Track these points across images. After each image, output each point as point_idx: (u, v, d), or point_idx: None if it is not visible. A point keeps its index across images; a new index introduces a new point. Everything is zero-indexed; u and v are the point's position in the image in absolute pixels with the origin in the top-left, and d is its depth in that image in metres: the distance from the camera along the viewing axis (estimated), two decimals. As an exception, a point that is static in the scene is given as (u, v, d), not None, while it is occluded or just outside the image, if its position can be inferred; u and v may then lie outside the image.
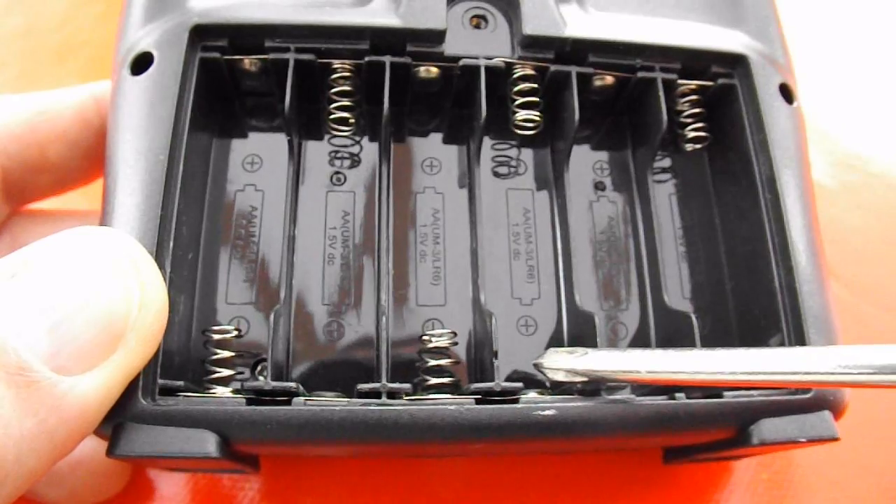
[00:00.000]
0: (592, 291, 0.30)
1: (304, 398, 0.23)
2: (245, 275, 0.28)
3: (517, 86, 0.29)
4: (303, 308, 0.28)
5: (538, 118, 0.29)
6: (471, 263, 0.29)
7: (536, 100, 0.29)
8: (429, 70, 0.29)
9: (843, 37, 0.49)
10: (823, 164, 0.43)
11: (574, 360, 0.24)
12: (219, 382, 0.25)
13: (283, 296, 0.26)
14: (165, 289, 0.22)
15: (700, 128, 0.30)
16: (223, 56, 0.27)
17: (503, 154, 0.31)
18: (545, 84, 0.29)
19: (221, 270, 0.28)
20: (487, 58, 0.28)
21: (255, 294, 0.28)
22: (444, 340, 0.26)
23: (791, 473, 0.34)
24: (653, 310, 0.30)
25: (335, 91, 0.28)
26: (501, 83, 0.29)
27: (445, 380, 0.25)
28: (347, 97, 0.29)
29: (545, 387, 0.26)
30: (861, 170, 0.44)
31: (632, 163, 0.32)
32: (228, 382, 0.25)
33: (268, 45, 0.27)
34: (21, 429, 0.18)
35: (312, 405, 0.23)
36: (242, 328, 0.27)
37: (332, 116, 0.29)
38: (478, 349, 0.28)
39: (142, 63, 0.26)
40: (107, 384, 0.20)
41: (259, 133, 0.30)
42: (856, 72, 0.48)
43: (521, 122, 0.29)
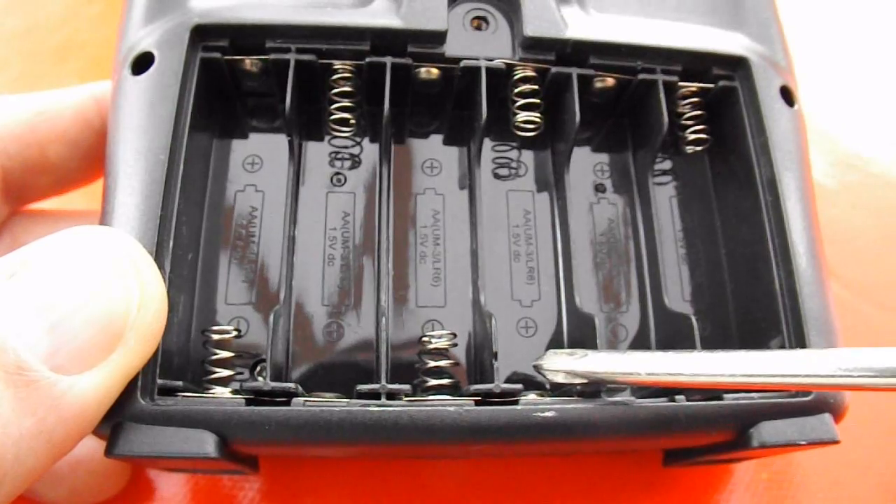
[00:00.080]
0: (592, 293, 0.30)
1: (304, 399, 0.23)
2: (245, 275, 0.28)
3: (518, 87, 0.29)
4: (302, 309, 0.28)
5: (539, 120, 0.29)
6: (471, 265, 0.29)
7: (537, 101, 0.29)
8: (429, 71, 0.29)
9: (843, 37, 0.49)
10: (823, 164, 0.43)
11: (574, 362, 0.24)
12: (218, 383, 0.25)
13: (283, 296, 0.26)
14: (165, 289, 0.22)
15: (701, 130, 0.30)
16: (224, 56, 0.27)
17: (504, 155, 0.31)
18: (546, 86, 0.29)
19: (221, 271, 0.28)
20: (488, 59, 0.28)
21: (255, 294, 0.28)
22: (444, 342, 0.26)
23: (791, 473, 0.34)
24: (653, 312, 0.30)
25: (336, 92, 0.28)
26: (502, 85, 0.29)
27: (445, 381, 0.25)
28: (348, 98, 0.29)
29: (545, 388, 0.26)
30: (861, 170, 0.44)
31: (632, 165, 0.32)
32: (227, 383, 0.25)
33: (269, 46, 0.27)
34: (20, 428, 0.18)
35: (311, 406, 0.23)
36: (242, 328, 0.27)
37: (333, 117, 0.29)
38: (478, 350, 0.28)
39: (142, 63, 0.26)
40: (106, 384, 0.19)
41: (259, 133, 0.30)
42: (856, 72, 0.48)
43: (522, 124, 0.29)
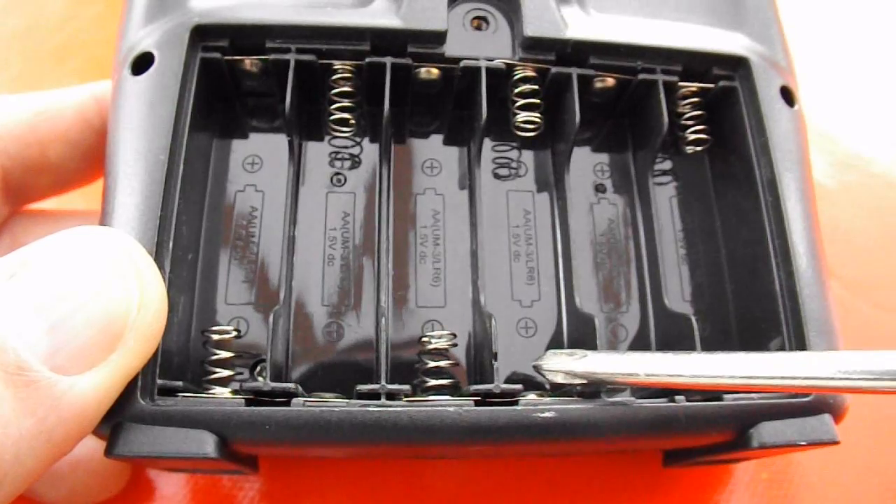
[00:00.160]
0: (592, 293, 0.30)
1: (303, 399, 0.23)
2: (245, 275, 0.28)
3: (518, 87, 0.29)
4: (302, 309, 0.28)
5: (539, 120, 0.29)
6: (471, 265, 0.29)
7: (537, 101, 0.29)
8: (429, 71, 0.29)
9: (843, 37, 0.49)
10: (823, 165, 0.43)
11: (573, 363, 0.24)
12: (218, 383, 0.25)
13: (283, 296, 0.26)
14: (165, 289, 0.22)
15: (701, 130, 0.30)
16: (224, 56, 0.27)
17: (504, 156, 0.31)
18: (546, 86, 0.29)
19: (221, 271, 0.28)
20: (488, 59, 0.28)
21: (255, 295, 0.28)
22: (444, 342, 0.26)
23: (791, 473, 0.34)
24: (653, 312, 0.29)
25: (336, 92, 0.28)
26: (502, 85, 0.29)
27: (445, 381, 0.25)
28: (348, 98, 0.29)
29: (545, 389, 0.26)
30: (861, 170, 0.44)
31: (632, 165, 0.32)
32: (227, 383, 0.25)
33: (268, 46, 0.27)
34: (20, 428, 0.18)
35: (311, 406, 0.23)
36: (242, 329, 0.27)
37: (333, 117, 0.29)
38: (477, 351, 0.28)
39: (142, 63, 0.26)
40: (105, 384, 0.20)
41: (259, 134, 0.30)
42: (856, 72, 0.47)
43: (522, 124, 0.29)
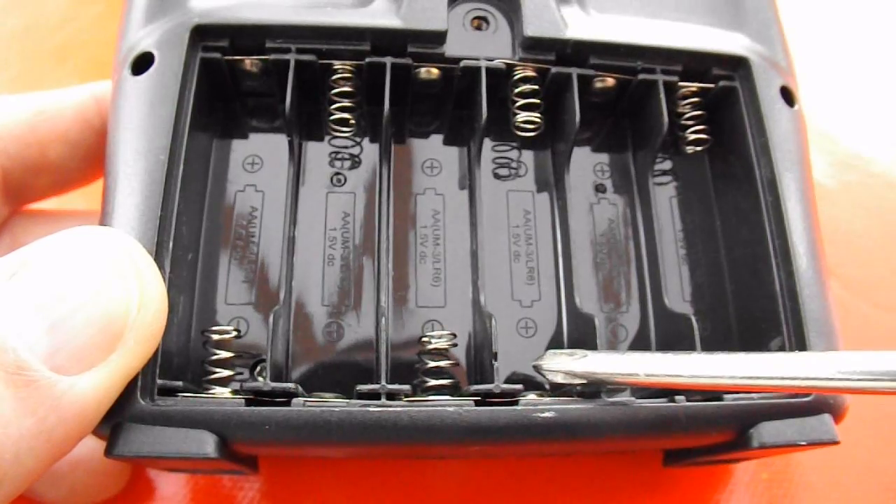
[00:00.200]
0: (592, 293, 0.30)
1: (304, 399, 0.23)
2: (245, 275, 0.28)
3: (518, 87, 0.29)
4: (302, 309, 0.28)
5: (539, 120, 0.29)
6: (471, 265, 0.29)
7: (537, 101, 0.29)
8: (430, 71, 0.29)
9: (843, 37, 0.49)
10: (823, 164, 0.43)
11: (573, 363, 0.24)
12: (218, 383, 0.25)
13: (283, 296, 0.26)
14: (165, 289, 0.22)
15: (701, 130, 0.30)
16: (224, 56, 0.27)
17: (504, 156, 0.31)
18: (546, 86, 0.29)
19: (221, 271, 0.28)
20: (488, 59, 0.28)
21: (255, 295, 0.28)
22: (444, 342, 0.26)
23: (791, 473, 0.34)
24: (653, 312, 0.29)
25: (336, 92, 0.28)
26: (502, 85, 0.29)
27: (445, 381, 0.25)
28: (348, 98, 0.29)
29: (545, 389, 0.26)
30: (861, 170, 0.44)
31: (632, 165, 0.32)
32: (227, 383, 0.25)
33: (269, 46, 0.27)
34: (19, 428, 0.18)
35: (311, 406, 0.23)
36: (242, 329, 0.27)
37: (333, 117, 0.29)
38: (477, 351, 0.28)
39: (142, 63, 0.26)
40: (105, 384, 0.19)
41: (259, 134, 0.30)
42: (856, 72, 0.47)
43: (522, 124, 0.29)
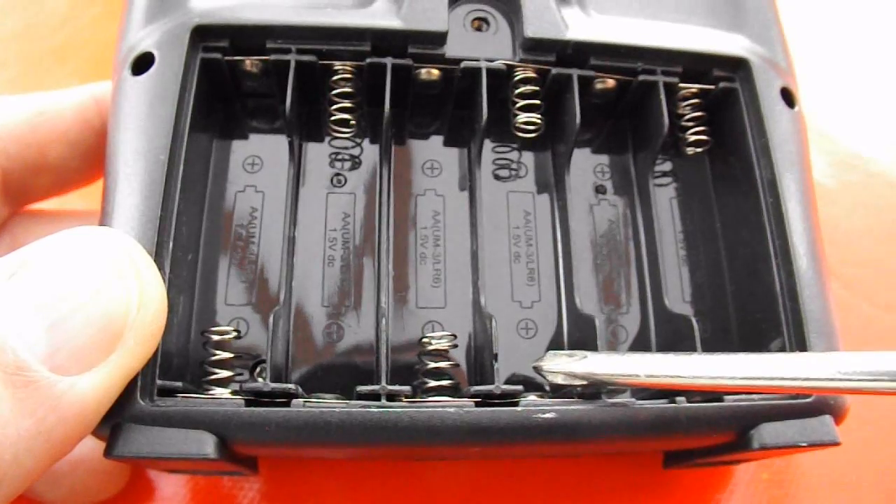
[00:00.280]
0: (593, 294, 0.30)
1: (303, 400, 0.23)
2: (245, 276, 0.28)
3: (518, 88, 0.29)
4: (302, 310, 0.28)
5: (539, 121, 0.29)
6: (471, 266, 0.29)
7: (537, 102, 0.29)
8: (430, 72, 0.29)
9: (843, 37, 0.49)
10: (823, 164, 0.43)
11: (573, 364, 0.24)
12: (217, 383, 0.24)
13: (283, 297, 0.26)
14: (164, 289, 0.22)
15: (701, 131, 0.30)
16: (224, 57, 0.27)
17: (504, 157, 0.31)
18: (546, 87, 0.29)
19: (221, 271, 0.28)
20: (489, 60, 0.28)
21: (255, 295, 0.28)
22: (444, 343, 0.26)
23: (791, 473, 0.34)
24: (653, 313, 0.29)
25: (336, 93, 0.28)
26: (502, 86, 0.29)
27: (445, 382, 0.25)
28: (348, 99, 0.29)
29: (545, 390, 0.26)
30: (861, 170, 0.44)
31: (633, 166, 0.32)
32: (227, 384, 0.25)
33: (269, 47, 0.27)
34: (18, 428, 0.18)
35: (311, 407, 0.23)
36: (242, 329, 0.27)
37: (333, 118, 0.29)
38: (478, 352, 0.28)
39: (143, 63, 0.26)
40: (105, 384, 0.19)
41: (260, 134, 0.30)
42: (856, 72, 0.47)
43: (522, 125, 0.29)
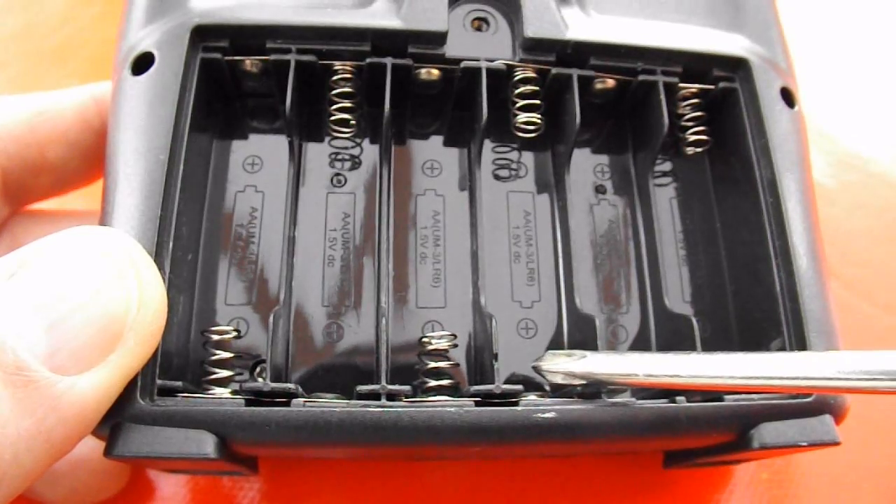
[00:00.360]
0: (593, 294, 0.30)
1: (303, 400, 0.23)
2: (245, 276, 0.28)
3: (518, 88, 0.29)
4: (302, 309, 0.28)
5: (539, 121, 0.29)
6: (471, 266, 0.29)
7: (537, 102, 0.29)
8: (430, 72, 0.29)
9: (843, 37, 0.49)
10: (823, 164, 0.43)
11: (572, 363, 0.24)
12: (217, 383, 0.24)
13: (283, 297, 0.26)
14: (164, 289, 0.22)
15: (701, 131, 0.30)
16: (224, 57, 0.27)
17: (504, 157, 0.31)
18: (546, 87, 0.29)
19: (221, 271, 0.28)
20: (489, 60, 0.28)
21: (255, 295, 0.28)
22: (444, 342, 0.26)
23: (791, 473, 0.34)
24: (653, 313, 0.29)
25: (336, 93, 0.28)
26: (502, 86, 0.29)
27: (445, 382, 0.25)
28: (348, 99, 0.29)
29: (545, 390, 0.26)
30: (861, 170, 0.44)
31: (633, 166, 0.32)
32: (227, 383, 0.25)
33: (269, 47, 0.27)
34: (18, 428, 0.18)
35: (311, 407, 0.23)
36: (242, 329, 0.27)
37: (333, 118, 0.29)
38: (478, 352, 0.28)
39: (143, 63, 0.26)
40: (105, 384, 0.19)
41: (260, 134, 0.30)
42: (856, 72, 0.47)
43: (522, 125, 0.29)
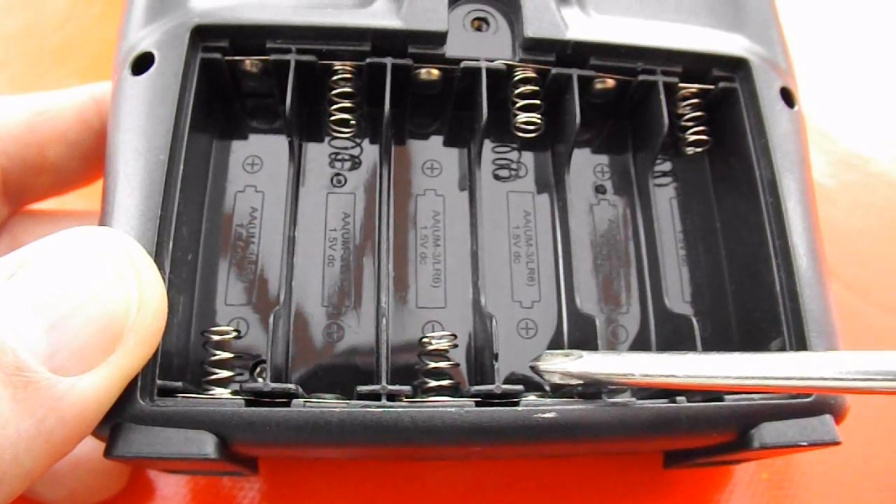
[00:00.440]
0: (593, 294, 0.30)
1: (304, 400, 0.23)
2: (245, 276, 0.28)
3: (518, 88, 0.29)
4: (302, 310, 0.28)
5: (539, 121, 0.29)
6: (471, 266, 0.29)
7: (537, 102, 0.29)
8: (430, 72, 0.29)
9: (843, 37, 0.49)
10: (823, 164, 0.43)
11: (569, 363, 0.24)
12: (218, 384, 0.24)
13: (283, 297, 0.26)
14: (164, 289, 0.22)
15: (701, 131, 0.30)
16: (224, 57, 0.27)
17: (504, 157, 0.31)
18: (546, 87, 0.29)
19: (221, 271, 0.28)
20: (489, 60, 0.28)
21: (255, 295, 0.28)
22: (444, 343, 0.26)
23: (791, 473, 0.34)
24: (653, 313, 0.29)
25: (336, 93, 0.28)
26: (502, 86, 0.29)
27: (445, 382, 0.25)
28: (348, 99, 0.28)
29: (545, 390, 0.26)
30: (861, 170, 0.44)
31: (632, 166, 0.32)
32: (227, 384, 0.25)
33: (269, 47, 0.27)
34: (18, 429, 0.18)
35: (311, 407, 0.23)
36: (242, 329, 0.27)
37: (333, 118, 0.29)
38: (478, 352, 0.28)
39: (142, 63, 0.26)
40: (105, 385, 0.19)
41: (259, 134, 0.30)
42: (856, 72, 0.47)
43: (522, 125, 0.29)
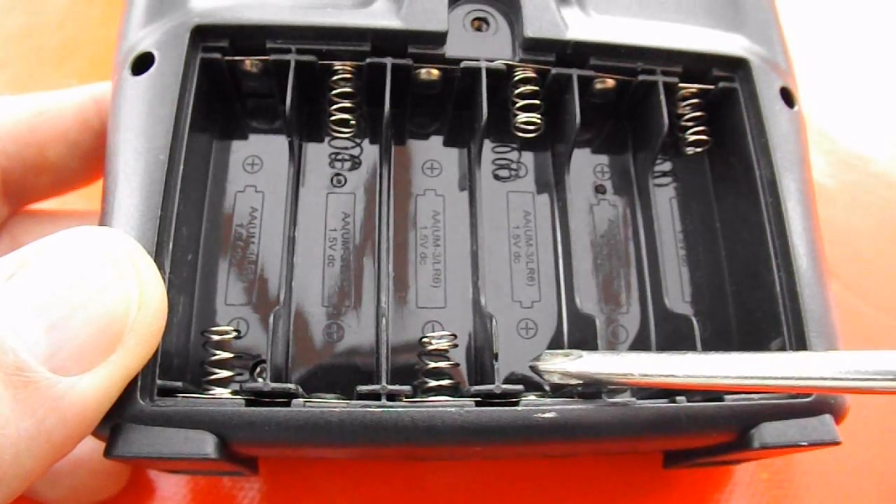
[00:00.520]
0: (593, 294, 0.30)
1: (304, 400, 0.23)
2: (245, 276, 0.28)
3: (518, 88, 0.29)
4: (302, 310, 0.28)
5: (539, 121, 0.29)
6: (471, 266, 0.29)
7: (537, 102, 0.29)
8: (430, 72, 0.29)
9: (843, 37, 0.49)
10: (823, 164, 0.43)
11: (568, 363, 0.24)
12: (218, 384, 0.24)
13: (283, 297, 0.26)
14: (164, 289, 0.22)
15: (701, 131, 0.30)
16: (224, 57, 0.27)
17: (504, 157, 0.31)
18: (546, 87, 0.29)
19: (221, 271, 0.28)
20: (489, 60, 0.28)
21: (255, 295, 0.28)
22: (444, 343, 0.26)
23: (791, 473, 0.34)
24: (653, 313, 0.29)
25: (336, 93, 0.28)
26: (502, 86, 0.29)
27: (445, 382, 0.25)
28: (348, 99, 0.29)
29: (545, 390, 0.26)
30: (861, 170, 0.44)
31: (632, 166, 0.32)
32: (227, 384, 0.25)
33: (269, 47, 0.27)
34: (18, 429, 0.18)
35: (311, 407, 0.23)
36: (242, 329, 0.27)
37: (333, 118, 0.29)
38: (478, 352, 0.28)
39: (143, 63, 0.26)
40: (105, 385, 0.19)
41: (259, 134, 0.30)
42: (856, 72, 0.48)
43: (522, 125, 0.29)
